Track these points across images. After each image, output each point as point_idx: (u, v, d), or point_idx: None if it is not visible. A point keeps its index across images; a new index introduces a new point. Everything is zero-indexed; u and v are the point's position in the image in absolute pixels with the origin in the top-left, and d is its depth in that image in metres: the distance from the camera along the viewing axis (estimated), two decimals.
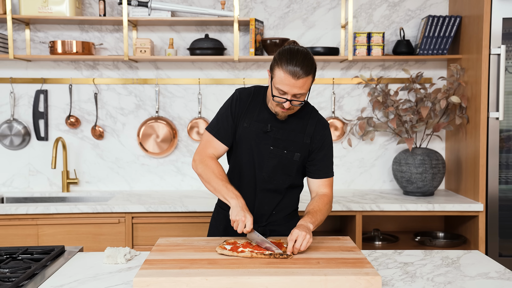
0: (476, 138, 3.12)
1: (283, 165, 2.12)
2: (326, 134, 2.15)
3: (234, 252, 1.88)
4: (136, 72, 3.57)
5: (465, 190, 3.29)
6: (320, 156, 2.14)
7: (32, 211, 2.99)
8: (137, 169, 3.61)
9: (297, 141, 2.11)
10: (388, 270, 1.88)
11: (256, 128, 2.11)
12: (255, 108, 2.13)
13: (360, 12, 3.56)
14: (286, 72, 1.91)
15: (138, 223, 3.07)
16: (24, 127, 3.53)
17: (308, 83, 1.96)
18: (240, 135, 2.12)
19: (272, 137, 2.10)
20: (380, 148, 3.64)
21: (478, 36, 3.10)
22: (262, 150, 2.11)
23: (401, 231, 3.60)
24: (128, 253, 1.99)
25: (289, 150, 2.11)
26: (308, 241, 1.88)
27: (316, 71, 1.99)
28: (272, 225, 2.20)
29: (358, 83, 3.59)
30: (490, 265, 1.94)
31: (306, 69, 1.92)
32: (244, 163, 2.15)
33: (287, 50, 1.95)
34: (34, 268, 1.78)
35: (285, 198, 2.20)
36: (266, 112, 2.12)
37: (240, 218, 1.91)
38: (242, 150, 2.14)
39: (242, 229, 1.91)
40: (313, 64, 1.96)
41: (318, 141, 2.13)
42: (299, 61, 1.91)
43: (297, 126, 2.12)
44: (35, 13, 3.28)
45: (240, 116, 2.12)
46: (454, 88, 3.30)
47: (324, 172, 2.16)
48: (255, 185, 2.15)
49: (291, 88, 1.93)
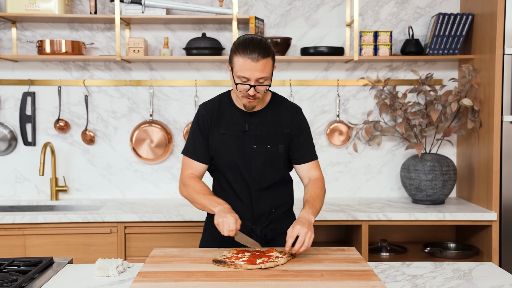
0: (489, 143, 3.13)
1: (271, 161, 2.22)
2: (301, 118, 2.28)
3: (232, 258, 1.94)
4: (129, 73, 3.58)
5: (478, 198, 3.30)
6: (301, 141, 2.26)
7: (18, 220, 3.00)
8: (130, 176, 3.62)
9: (277, 133, 2.22)
10: (396, 283, 1.89)
11: (234, 130, 2.21)
12: (226, 112, 2.23)
13: (366, 10, 3.57)
14: (245, 57, 2.04)
15: (131, 233, 3.07)
16: (10, 131, 3.54)
17: (269, 66, 2.07)
18: (218, 143, 2.21)
19: (253, 135, 2.20)
20: (387, 154, 3.65)
21: (491, 35, 3.11)
22: (245, 150, 2.20)
23: (409, 241, 3.60)
24: (121, 265, 2.00)
25: (272, 144, 2.21)
26: (310, 237, 1.97)
27: (274, 56, 2.13)
28: (273, 223, 2.29)
29: (364, 84, 3.60)
30: (504, 278, 1.95)
31: (264, 51, 2.04)
32: (229, 169, 2.23)
33: (242, 39, 2.10)
34: (21, 281, 1.78)
35: (281, 195, 2.31)
36: (238, 112, 2.22)
37: (223, 219, 1.98)
38: (224, 157, 2.22)
39: (228, 230, 1.97)
40: (270, 48, 2.08)
41: (296, 127, 2.25)
42: (255, 44, 2.04)
43: (273, 118, 2.23)
44: (22, 10, 3.30)
45: (211, 129, 2.23)
46: (466, 90, 3.31)
47: (309, 155, 2.28)
48: (249, 187, 2.24)
49: (253, 72, 2.04)
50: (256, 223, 2.25)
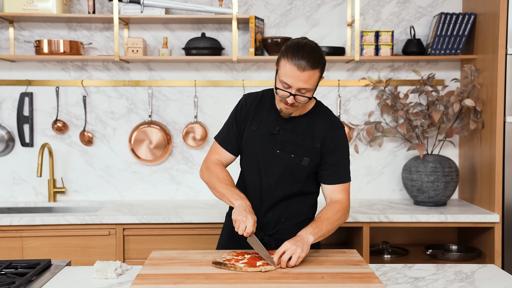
0: (492, 144, 3.14)
1: (291, 171, 2.13)
2: (338, 136, 2.15)
3: (232, 260, 1.93)
4: (127, 74, 3.58)
5: (480, 200, 3.30)
6: (332, 160, 2.14)
7: (16, 222, 3.00)
8: (128, 177, 3.62)
9: (306, 145, 2.12)
10: (398, 285, 1.89)
11: (264, 130, 2.15)
12: (263, 110, 2.17)
13: (367, 9, 3.58)
14: (291, 64, 1.95)
15: (130, 235, 3.07)
16: (7, 132, 3.54)
17: (314, 78, 1.98)
18: (247, 139, 2.17)
19: (279, 140, 2.13)
20: (389, 155, 3.65)
21: (494, 34, 3.11)
22: (268, 153, 2.14)
23: (411, 243, 3.60)
24: (119, 267, 2.00)
25: (296, 154, 2.12)
26: (298, 256, 1.90)
27: (324, 68, 2.02)
28: (280, 234, 2.20)
29: (366, 85, 3.60)
30: (507, 280, 1.95)
31: (313, 62, 1.95)
32: (249, 169, 2.19)
33: (295, 42, 2.00)
34: (18, 284, 1.78)
35: (295, 205, 2.21)
36: (274, 114, 2.16)
37: (241, 218, 1.95)
38: (248, 155, 2.18)
39: (243, 230, 1.95)
40: (321, 59, 1.99)
41: (329, 143, 2.13)
42: (306, 53, 1.95)
43: (307, 129, 2.14)
44: (20, 10, 3.30)
45: (246, 122, 2.18)
46: (468, 91, 3.31)
47: (337, 177, 2.15)
48: (261, 192, 2.18)
49: (296, 81, 1.96)
50: (262, 229, 2.18)
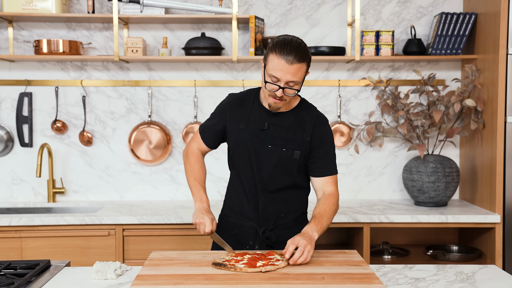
0: (493, 144, 3.14)
1: (283, 164, 2.21)
2: (325, 130, 2.25)
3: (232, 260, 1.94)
4: (127, 74, 3.58)
5: (481, 200, 3.30)
6: (320, 153, 2.24)
7: (15, 222, 3.00)
8: (128, 177, 3.63)
9: (296, 139, 2.20)
10: (398, 286, 1.89)
11: (253, 127, 2.22)
12: (249, 108, 2.25)
13: (368, 9, 3.58)
14: (280, 58, 2.03)
15: (130, 235, 3.08)
16: (6, 132, 3.55)
17: (302, 71, 2.07)
18: (237, 137, 2.23)
19: (270, 135, 2.20)
20: (389, 155, 3.66)
21: (494, 34, 3.12)
22: (260, 149, 2.20)
23: (412, 244, 3.60)
24: (119, 268, 2.00)
25: (288, 148, 2.20)
26: (309, 251, 1.96)
27: (310, 62, 2.11)
28: (280, 229, 2.27)
29: (366, 85, 3.61)
30: (507, 281, 1.95)
31: (300, 55, 2.04)
32: (242, 166, 2.25)
33: (281, 38, 2.09)
34: (17, 284, 1.79)
35: (292, 200, 2.29)
36: (261, 110, 2.23)
37: (199, 221, 2.13)
38: (240, 153, 2.24)
39: (204, 231, 2.11)
40: (307, 53, 2.08)
41: (317, 137, 2.23)
42: (293, 47, 2.04)
43: (295, 123, 2.22)
44: (19, 10, 3.30)
45: (231, 120, 2.25)
46: (469, 91, 3.32)
47: (326, 169, 2.25)
48: (256, 187, 2.24)
49: (284, 74, 2.04)
50: (262, 224, 2.25)
